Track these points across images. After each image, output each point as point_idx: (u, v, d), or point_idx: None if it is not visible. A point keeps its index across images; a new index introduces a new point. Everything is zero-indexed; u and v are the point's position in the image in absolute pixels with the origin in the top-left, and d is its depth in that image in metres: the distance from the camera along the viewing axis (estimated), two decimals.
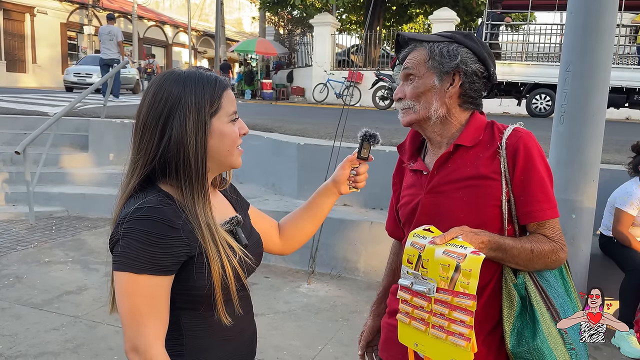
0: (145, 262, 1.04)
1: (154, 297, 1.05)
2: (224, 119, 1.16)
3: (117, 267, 1.05)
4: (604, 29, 3.11)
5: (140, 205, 1.06)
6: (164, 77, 1.15)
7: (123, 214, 1.07)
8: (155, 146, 1.10)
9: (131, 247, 1.03)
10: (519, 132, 1.36)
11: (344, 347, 3.35)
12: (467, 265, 1.15)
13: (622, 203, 3.54)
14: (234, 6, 37.91)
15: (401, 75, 1.44)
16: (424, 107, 1.38)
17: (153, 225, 1.04)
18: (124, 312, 1.06)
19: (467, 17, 19.19)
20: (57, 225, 5.93)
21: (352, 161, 1.43)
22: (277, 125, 7.34)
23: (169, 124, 1.10)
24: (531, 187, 1.32)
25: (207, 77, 1.16)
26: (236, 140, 1.18)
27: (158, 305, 1.06)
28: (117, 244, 1.05)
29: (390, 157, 5.01)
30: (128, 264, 1.04)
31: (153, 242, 1.04)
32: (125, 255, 1.04)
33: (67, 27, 25.57)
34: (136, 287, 1.04)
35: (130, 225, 1.04)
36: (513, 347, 1.28)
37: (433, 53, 1.37)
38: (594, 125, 3.19)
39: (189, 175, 1.11)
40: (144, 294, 1.04)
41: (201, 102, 1.12)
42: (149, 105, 1.12)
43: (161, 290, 1.07)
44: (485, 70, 1.39)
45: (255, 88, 20.18)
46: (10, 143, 7.13)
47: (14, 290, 4.06)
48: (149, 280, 1.04)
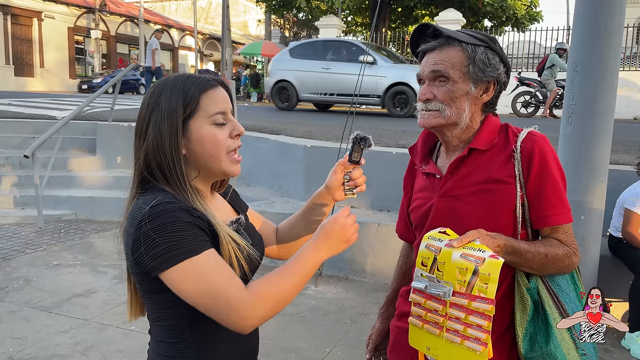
0: (194, 243, 1.03)
1: (219, 264, 1.06)
2: (202, 121, 1.13)
3: (170, 263, 1.02)
4: (612, 29, 3.09)
5: (155, 203, 1.05)
6: (155, 84, 1.17)
7: (140, 217, 1.04)
8: (139, 152, 1.14)
9: (173, 237, 1.02)
10: (534, 135, 1.34)
11: (352, 350, 3.34)
12: (486, 269, 1.14)
13: (631, 204, 3.52)
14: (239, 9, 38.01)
15: (426, 74, 1.36)
16: (455, 113, 1.33)
17: (178, 214, 1.04)
18: (204, 298, 1.03)
19: (472, 19, 19.14)
20: (66, 228, 5.97)
21: (344, 165, 1.33)
22: (284, 127, 7.35)
23: (148, 130, 1.12)
24: (546, 192, 1.31)
25: (187, 80, 1.14)
26: (219, 143, 1.14)
27: (226, 268, 1.06)
28: (153, 245, 1.02)
29: (397, 159, 5.02)
30: (182, 253, 1.02)
31: (186, 227, 1.04)
32: (174, 246, 1.02)
33: (75, 32, 25.77)
34: (204, 266, 1.03)
35: (157, 222, 1.02)
36: (526, 352, 1.27)
37: (475, 58, 1.32)
38: (603, 125, 3.18)
39: (175, 180, 1.11)
40: (212, 267, 1.04)
41: (173, 106, 1.11)
42: (139, 112, 1.16)
43: (219, 257, 1.07)
44: (507, 79, 1.39)
45: (261, 90, 20.21)
46: (19, 147, 7.18)
47: (23, 293, 4.09)
48: (207, 254, 1.04)
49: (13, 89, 20.02)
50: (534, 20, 19.94)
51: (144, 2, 29.04)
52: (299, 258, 1.12)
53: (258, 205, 5.14)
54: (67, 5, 25.07)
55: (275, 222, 1.50)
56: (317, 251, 1.13)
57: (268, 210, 4.93)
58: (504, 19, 19.03)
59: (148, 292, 1.13)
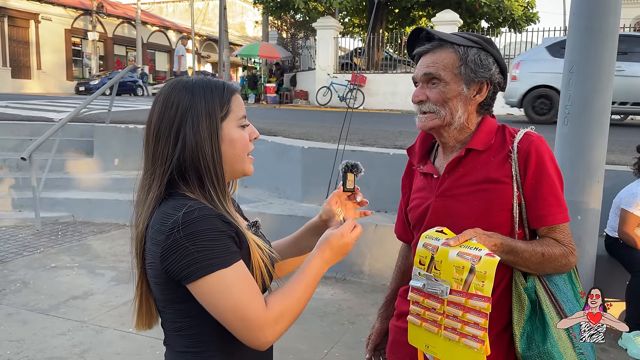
0: (225, 254, 1.03)
1: (246, 279, 1.05)
2: (233, 124, 1.15)
3: (201, 273, 1.01)
4: (607, 30, 3.11)
5: (187, 209, 1.03)
6: (172, 86, 1.14)
7: (171, 224, 1.02)
8: (170, 154, 1.09)
9: (206, 247, 1.01)
10: (530, 136, 1.36)
11: (350, 351, 3.34)
12: (482, 267, 1.15)
13: (627, 204, 3.53)
14: (237, 10, 38.04)
15: (419, 77, 1.38)
16: (449, 113, 1.35)
17: (212, 221, 1.03)
18: (228, 312, 1.02)
19: (469, 19, 19.17)
20: (63, 230, 5.96)
21: (340, 195, 1.34)
22: (281, 129, 7.35)
23: (182, 131, 1.09)
24: (542, 192, 1.32)
25: (215, 83, 1.15)
26: (246, 145, 1.17)
27: (252, 284, 1.06)
28: (185, 254, 1.01)
29: (394, 160, 5.03)
30: (213, 263, 1.01)
31: (220, 236, 1.03)
32: (205, 257, 1.01)
33: (72, 33, 25.74)
34: (231, 280, 1.02)
35: (194, 229, 1.01)
36: (523, 350, 1.28)
37: (467, 59, 1.33)
38: (599, 126, 3.19)
39: (210, 181, 1.10)
40: (239, 282, 1.03)
41: (211, 106, 1.11)
42: (160, 113, 1.11)
43: (246, 270, 1.06)
44: (503, 80, 1.40)
45: (258, 92, 20.22)
46: (16, 149, 7.17)
47: (20, 296, 4.08)
48: (236, 268, 1.04)
49: (10, 91, 19.98)
50: (530, 22, 19.98)
51: (141, 4, 29.01)
52: (308, 271, 1.14)
53: (256, 206, 5.14)
54: (64, 7, 25.05)
55: (274, 224, 1.50)
56: (324, 263, 1.17)
57: (266, 212, 4.93)
58: (501, 20, 19.06)
59: (173, 302, 1.10)
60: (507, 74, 1.41)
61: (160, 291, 1.11)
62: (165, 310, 1.13)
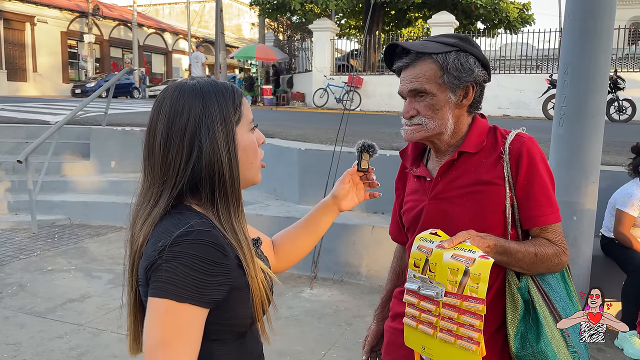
0: (190, 290, 0.92)
1: (189, 328, 0.93)
2: (245, 128, 1.07)
3: (155, 293, 0.92)
4: (602, 31, 3.13)
5: (188, 228, 0.94)
6: (178, 90, 1.03)
7: (165, 240, 0.94)
8: (183, 164, 1.00)
9: (177, 272, 0.91)
10: (521, 137, 1.37)
11: (348, 352, 3.35)
12: (476, 269, 1.16)
13: (622, 204, 3.55)
14: (233, 13, 38.05)
15: (406, 92, 1.37)
16: (438, 124, 1.35)
17: (206, 250, 0.93)
18: (150, 340, 0.92)
19: (465, 21, 19.23)
20: (60, 233, 5.95)
21: (353, 174, 1.36)
22: (278, 130, 7.36)
23: (196, 139, 1.00)
24: (534, 192, 1.33)
25: (224, 86, 1.06)
26: (257, 150, 1.10)
27: (191, 338, 0.94)
28: (158, 269, 0.92)
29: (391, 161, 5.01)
30: (170, 290, 0.91)
31: (203, 269, 0.92)
32: (169, 281, 0.91)
33: (68, 36, 25.70)
34: (174, 316, 0.92)
35: (180, 250, 0.92)
36: (517, 350, 1.29)
37: (447, 67, 1.32)
38: (594, 127, 3.20)
39: (224, 191, 1.02)
40: (179, 324, 0.92)
41: (225, 112, 1.02)
42: (169, 120, 1.01)
43: (198, 323, 0.95)
44: (487, 74, 1.40)
45: (255, 94, 20.23)
46: (13, 152, 7.15)
47: (17, 299, 4.07)
48: (188, 309, 0.92)
49: (6, 94, 19.93)
50: (525, 23, 20.07)
51: (138, 6, 28.99)
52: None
53: (253, 208, 5.15)
54: (60, 10, 25.01)
55: (271, 226, 1.49)
56: None
57: (263, 214, 4.94)
58: (497, 22, 19.13)
59: None
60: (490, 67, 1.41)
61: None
62: None
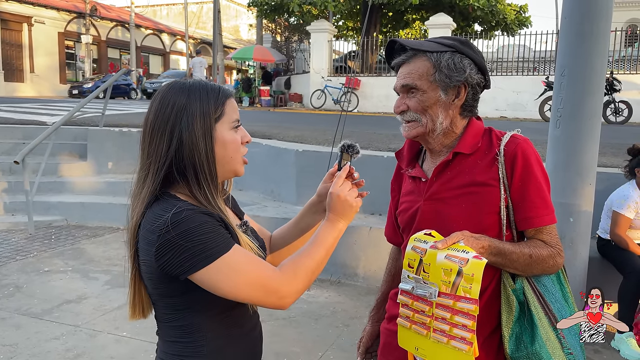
0: (221, 242, 1.09)
1: (247, 255, 1.13)
2: (226, 126, 1.19)
3: (202, 264, 1.07)
4: (598, 33, 3.14)
5: (176, 210, 1.08)
6: (169, 87, 1.20)
7: (161, 224, 1.07)
8: (164, 151, 1.14)
9: (201, 241, 1.07)
10: (516, 138, 1.37)
11: (345, 353, 3.35)
12: (470, 269, 1.16)
13: (619, 206, 3.56)
14: (231, 14, 38.06)
15: (399, 88, 1.41)
16: (430, 120, 1.37)
17: (201, 217, 1.09)
18: (242, 289, 1.10)
19: (463, 23, 19.27)
20: (57, 234, 5.93)
21: (334, 174, 1.34)
22: (276, 132, 7.36)
23: (177, 129, 1.14)
24: (529, 194, 1.33)
25: (211, 86, 1.21)
26: (238, 147, 1.22)
27: (253, 257, 1.14)
28: (177, 251, 1.06)
29: (388, 163, 5.03)
30: (213, 253, 1.07)
31: (212, 228, 1.09)
32: (202, 250, 1.06)
33: (65, 36, 25.65)
34: (235, 260, 1.09)
35: (183, 228, 1.06)
36: (512, 352, 1.29)
37: (440, 65, 1.34)
38: (590, 128, 3.22)
39: (203, 179, 1.15)
40: (242, 259, 1.11)
41: (205, 107, 1.16)
42: (156, 111, 1.17)
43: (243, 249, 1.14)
44: (484, 79, 1.40)
45: (253, 95, 20.22)
46: (9, 153, 7.14)
47: (13, 300, 4.06)
48: (235, 250, 1.11)
49: (3, 95, 19.87)
50: (522, 25, 20.12)
51: (135, 7, 28.96)
52: (320, 233, 1.22)
53: (251, 209, 5.15)
54: (58, 10, 24.96)
55: (268, 227, 1.52)
56: (335, 223, 1.24)
57: (261, 215, 4.94)
58: (494, 24, 19.17)
59: (164, 296, 1.16)
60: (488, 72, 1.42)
61: (153, 285, 1.16)
62: (158, 303, 1.20)
